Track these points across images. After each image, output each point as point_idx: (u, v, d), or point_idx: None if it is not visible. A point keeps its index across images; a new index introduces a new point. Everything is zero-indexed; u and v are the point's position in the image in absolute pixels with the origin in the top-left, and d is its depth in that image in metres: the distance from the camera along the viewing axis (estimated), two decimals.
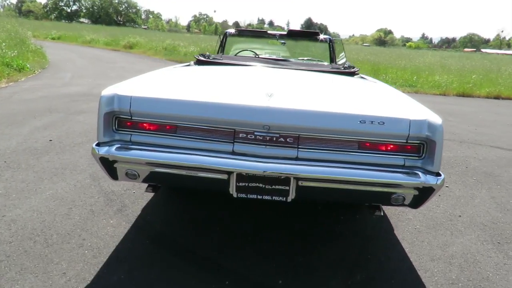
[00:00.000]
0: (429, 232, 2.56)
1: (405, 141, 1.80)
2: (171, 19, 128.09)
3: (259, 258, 2.14)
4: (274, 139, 1.81)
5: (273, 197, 1.87)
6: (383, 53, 28.12)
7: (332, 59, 4.64)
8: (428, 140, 1.77)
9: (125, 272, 1.94)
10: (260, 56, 3.88)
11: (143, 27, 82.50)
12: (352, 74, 2.96)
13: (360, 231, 2.55)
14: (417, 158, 1.82)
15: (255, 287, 1.91)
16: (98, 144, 1.86)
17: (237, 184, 1.84)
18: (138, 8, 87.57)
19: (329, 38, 4.46)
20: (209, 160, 1.79)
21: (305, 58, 4.64)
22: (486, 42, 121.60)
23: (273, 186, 1.84)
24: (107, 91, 1.86)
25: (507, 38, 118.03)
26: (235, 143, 1.83)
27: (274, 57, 3.86)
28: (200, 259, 2.11)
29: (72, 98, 6.36)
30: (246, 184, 1.84)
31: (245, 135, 1.82)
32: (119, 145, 1.85)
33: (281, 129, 1.80)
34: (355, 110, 1.82)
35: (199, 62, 2.96)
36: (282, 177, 1.80)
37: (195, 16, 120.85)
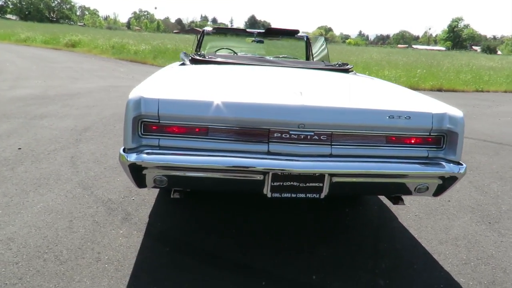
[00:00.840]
0: (429, 218, 2.74)
1: (428, 133, 1.91)
2: (109, 16, 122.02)
3: (285, 256, 2.15)
4: (309, 137, 1.82)
5: (307, 195, 1.89)
6: (330, 50, 29.12)
7: (308, 57, 4.75)
8: (449, 132, 1.88)
9: (156, 283, 1.85)
10: (249, 55, 3.86)
11: (79, 24, 77.78)
12: (347, 71, 3.06)
13: (368, 222, 2.66)
14: (438, 149, 1.93)
15: (291, 285, 1.92)
16: (124, 151, 1.75)
17: (272, 184, 1.83)
18: (72, 3, 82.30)
19: (306, 36, 4.56)
20: (247, 161, 1.76)
21: (281, 56, 4.71)
22: (416, 39, 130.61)
23: (307, 184, 1.85)
24: (133, 95, 1.75)
25: (433, 35, 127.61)
26: (270, 143, 1.81)
27: (270, 57, 3.85)
28: (228, 262, 2.07)
29: (25, 102, 5.85)
30: (281, 183, 1.83)
31: (280, 135, 1.81)
32: (149, 151, 1.75)
33: (315, 127, 1.81)
34: (383, 106, 1.89)
35: (195, 61, 2.87)
36: (317, 174, 1.82)
37: (135, 13, 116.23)
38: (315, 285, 1.92)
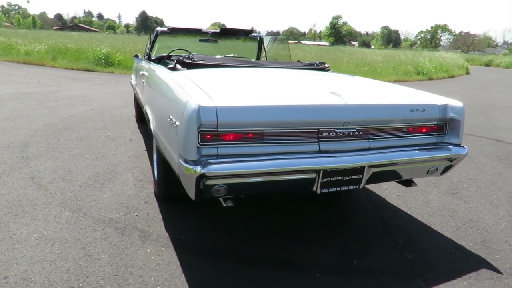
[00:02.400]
0: (408, 196, 3.15)
1: (436, 122, 2.23)
2: None
3: (319, 247, 2.28)
4: (351, 133, 1.98)
5: (349, 187, 2.05)
6: (229, 46, 29.57)
7: (259, 56, 4.90)
8: (451, 120, 2.23)
9: None
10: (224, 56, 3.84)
11: None
12: (326, 69, 3.29)
13: (365, 206, 2.93)
14: (442, 135, 2.27)
15: (341, 271, 2.06)
16: (186, 162, 1.68)
17: (322, 180, 1.94)
18: None
19: (260, 36, 4.69)
20: (306, 162, 1.85)
21: (230, 55, 4.77)
22: (303, 35, 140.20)
23: (350, 177, 2.02)
24: (192, 104, 1.68)
25: (318, 31, 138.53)
26: (320, 142, 1.93)
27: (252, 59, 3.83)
28: (272, 261, 2.12)
29: None
30: (329, 179, 1.96)
31: (327, 133, 1.93)
32: (214, 160, 1.71)
33: (357, 124, 1.98)
34: (405, 101, 2.15)
35: (187, 65, 2.76)
36: (358, 167, 1.99)
37: (2, 7, 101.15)
38: (359, 267, 2.10)
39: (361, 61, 16.97)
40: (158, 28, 4.19)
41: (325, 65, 3.34)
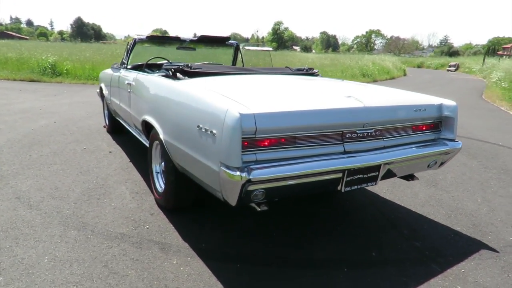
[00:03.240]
0: (397, 189, 3.38)
1: (433, 120, 2.45)
2: None
3: (336, 243, 2.39)
4: (370, 134, 2.12)
5: (368, 184, 2.19)
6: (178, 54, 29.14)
7: (234, 63, 4.96)
8: (446, 117, 2.47)
9: None
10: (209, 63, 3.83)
11: None
12: (315, 74, 3.44)
13: (363, 203, 3.11)
14: (438, 132, 2.50)
15: (366, 264, 2.18)
16: (230, 169, 1.70)
17: (346, 179, 2.06)
18: None
19: (236, 43, 4.74)
20: (335, 162, 1.95)
21: (206, 62, 4.79)
22: (246, 40, 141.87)
23: (369, 174, 2.16)
24: (233, 112, 1.70)
25: (261, 37, 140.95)
26: (344, 143, 2.04)
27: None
28: (299, 260, 2.19)
29: None
30: (352, 177, 2.08)
31: (350, 135, 2.06)
32: (254, 166, 1.75)
33: (373, 125, 2.13)
34: (410, 102, 2.34)
35: (188, 74, 2.74)
36: (375, 165, 2.14)
37: None
38: (379, 259, 2.24)
39: (312, 65, 17.62)
40: (137, 37, 4.08)
41: (314, 70, 3.49)
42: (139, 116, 3.01)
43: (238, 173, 1.68)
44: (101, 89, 5.14)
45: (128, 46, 4.11)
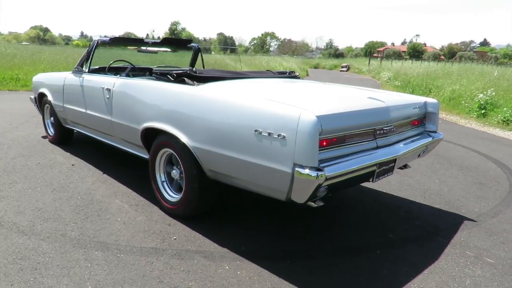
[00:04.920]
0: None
1: (421, 116, 2.87)
2: None
3: (356, 231, 2.65)
4: (390, 130, 2.42)
5: (388, 174, 2.48)
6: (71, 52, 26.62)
7: (193, 65, 4.93)
8: (430, 113, 2.91)
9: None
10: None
11: None
12: (298, 77, 3.64)
13: (353, 194, 3.42)
14: (423, 126, 2.94)
15: (390, 244, 2.47)
16: (306, 169, 1.81)
17: (377, 171, 2.32)
18: None
19: (198, 46, 4.70)
20: (377, 156, 2.20)
21: (162, 65, 4.70)
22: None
23: (389, 166, 2.45)
24: (308, 116, 1.81)
25: (157, 37, 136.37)
26: (377, 139, 2.30)
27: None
28: (335, 249, 2.38)
29: None
30: (381, 169, 2.35)
31: (379, 132, 2.32)
32: (326, 164, 1.89)
33: (393, 122, 2.43)
34: (409, 100, 2.71)
35: (196, 79, 2.68)
36: (393, 158, 2.45)
37: None
38: (397, 239, 2.56)
39: (229, 67, 17.88)
40: (100, 38, 3.77)
41: (296, 73, 3.70)
42: (136, 125, 2.84)
43: (316, 172, 1.79)
44: (40, 95, 4.57)
45: (89, 49, 3.78)
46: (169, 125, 2.53)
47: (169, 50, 4.27)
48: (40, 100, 4.66)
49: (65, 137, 4.49)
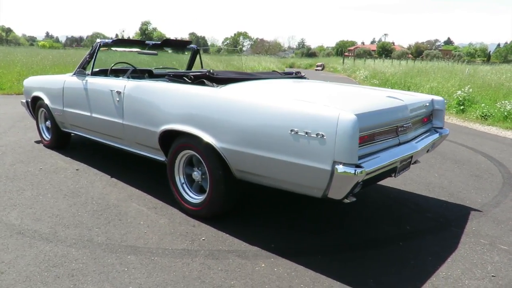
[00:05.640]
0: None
1: (429, 114, 3.01)
2: None
3: (375, 224, 2.75)
4: (408, 127, 2.53)
5: (406, 169, 2.60)
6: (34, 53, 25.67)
7: (190, 67, 4.92)
8: (437, 110, 3.05)
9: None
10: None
11: None
12: (304, 78, 3.72)
13: (371, 194, 3.49)
14: (430, 122, 3.08)
15: (411, 236, 2.59)
16: (347, 166, 1.88)
17: (399, 166, 2.43)
18: None
19: (196, 47, 4.70)
20: (402, 152, 2.31)
21: (160, 67, 4.69)
22: None
23: (407, 161, 2.57)
24: (347, 115, 1.88)
25: (126, 37, 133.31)
26: (399, 136, 2.40)
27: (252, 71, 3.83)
28: (361, 242, 2.48)
29: None
30: (401, 164, 2.47)
31: (400, 129, 2.44)
32: (363, 161, 1.97)
33: (410, 119, 2.55)
34: (421, 99, 2.83)
35: (216, 81, 2.70)
36: (412, 153, 2.57)
37: None
38: (414, 231, 2.68)
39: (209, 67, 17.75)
40: (102, 40, 3.70)
41: (303, 74, 3.77)
42: (153, 127, 2.82)
43: (356, 169, 1.87)
44: (34, 99, 4.43)
45: (91, 51, 3.71)
46: (192, 127, 2.54)
47: (156, 53, 4.23)
48: (34, 104, 4.52)
49: (63, 141, 4.38)
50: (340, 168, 1.89)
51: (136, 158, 3.19)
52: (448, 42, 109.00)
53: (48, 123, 4.44)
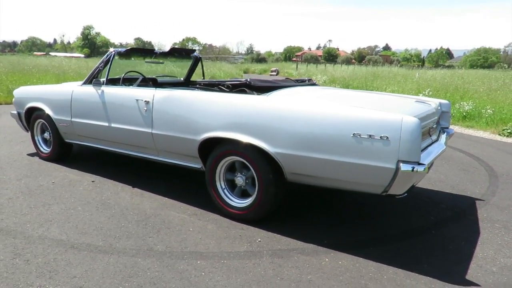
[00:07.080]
0: None
1: (438, 115, 3.37)
2: None
3: (402, 217, 3.03)
4: (432, 129, 2.84)
5: (431, 166, 2.90)
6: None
7: (190, 74, 4.97)
8: (444, 112, 3.42)
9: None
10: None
11: None
12: (316, 84, 3.93)
13: None
14: (439, 123, 3.44)
15: (432, 228, 2.89)
16: (412, 164, 2.11)
17: (433, 162, 2.72)
18: None
19: (198, 56, 4.74)
20: (437, 148, 2.60)
21: (160, 75, 4.72)
22: (49, 46, 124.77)
23: None
24: (410, 119, 2.11)
25: (67, 42, 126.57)
26: (431, 136, 2.70)
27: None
28: (386, 236, 2.72)
29: None
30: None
31: (431, 130, 2.73)
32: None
33: (435, 122, 2.85)
34: (436, 102, 3.17)
35: (255, 89, 2.83)
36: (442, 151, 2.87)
37: None
38: (437, 221, 2.99)
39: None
40: (116, 49, 3.65)
41: (314, 81, 3.99)
42: (192, 135, 2.87)
43: (420, 166, 2.11)
44: (29, 110, 4.22)
45: (105, 59, 3.65)
46: (240, 134, 2.63)
47: (162, 62, 4.28)
48: (28, 115, 4.30)
49: (64, 153, 4.21)
50: (404, 166, 2.11)
51: (144, 166, 3.20)
52: (386, 47, 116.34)
53: (46, 134, 4.24)
